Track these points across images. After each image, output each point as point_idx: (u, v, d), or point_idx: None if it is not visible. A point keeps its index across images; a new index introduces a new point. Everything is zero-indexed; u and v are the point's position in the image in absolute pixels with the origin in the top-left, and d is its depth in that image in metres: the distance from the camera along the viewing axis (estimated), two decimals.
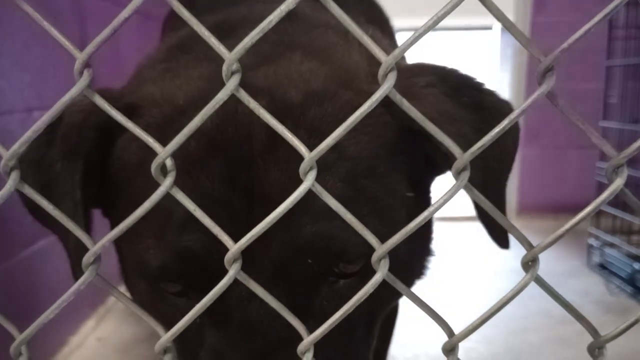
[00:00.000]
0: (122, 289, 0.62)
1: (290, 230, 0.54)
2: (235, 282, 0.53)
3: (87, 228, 0.61)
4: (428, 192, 0.72)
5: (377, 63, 0.48)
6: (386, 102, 0.60)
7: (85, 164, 0.61)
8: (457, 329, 0.45)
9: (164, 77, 0.68)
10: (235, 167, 0.57)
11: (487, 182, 0.59)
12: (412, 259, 0.70)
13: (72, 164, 0.60)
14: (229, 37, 0.72)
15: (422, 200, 0.70)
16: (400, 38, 1.08)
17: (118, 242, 0.69)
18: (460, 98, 0.64)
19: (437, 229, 0.81)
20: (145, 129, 0.58)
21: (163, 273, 0.58)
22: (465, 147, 0.41)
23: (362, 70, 0.67)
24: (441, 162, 0.63)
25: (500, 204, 0.66)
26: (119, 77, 0.81)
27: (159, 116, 0.62)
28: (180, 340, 0.63)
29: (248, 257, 0.54)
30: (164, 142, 0.52)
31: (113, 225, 0.68)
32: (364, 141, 0.60)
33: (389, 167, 0.61)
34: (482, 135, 0.61)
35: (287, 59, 0.66)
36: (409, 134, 0.61)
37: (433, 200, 0.66)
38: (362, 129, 0.60)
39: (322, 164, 0.54)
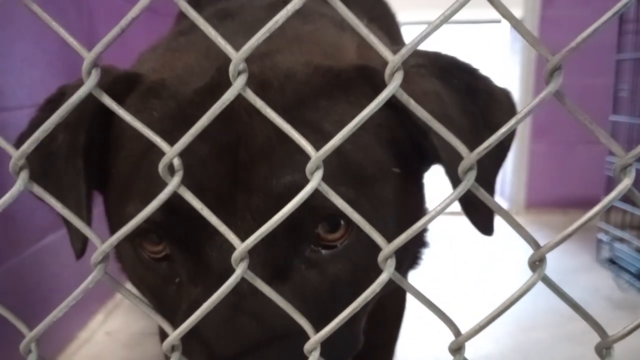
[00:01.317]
0: (129, 286, 0.62)
1: (270, 181, 0.55)
2: (219, 248, 0.55)
3: (88, 204, 0.62)
4: (420, 178, 0.72)
5: (366, 46, 0.47)
6: (365, 74, 0.61)
7: (87, 136, 0.62)
8: (463, 326, 0.45)
9: (165, 54, 0.71)
10: (221, 122, 0.57)
11: (478, 177, 0.60)
12: (405, 249, 0.70)
13: (75, 136, 0.61)
14: (224, 21, 0.76)
15: (412, 184, 0.69)
16: (409, 32, 1.08)
17: (107, 213, 0.70)
18: (450, 80, 0.64)
19: (445, 224, 0.81)
20: (145, 92, 0.63)
21: (146, 225, 0.57)
22: (451, 128, 0.41)
23: (350, 49, 0.68)
24: (429, 150, 0.63)
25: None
26: None
27: (157, 80, 0.64)
28: (159, 300, 0.63)
29: (231, 208, 0.56)
30: (161, 104, 0.60)
31: (106, 200, 0.69)
32: (346, 109, 0.60)
33: (373, 139, 0.61)
34: (471, 118, 0.62)
35: (278, 37, 0.67)
36: (392, 109, 0.60)
37: (439, 200, 0.66)
38: (346, 97, 0.61)
39: (307, 124, 0.56)
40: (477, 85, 0.66)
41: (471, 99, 0.63)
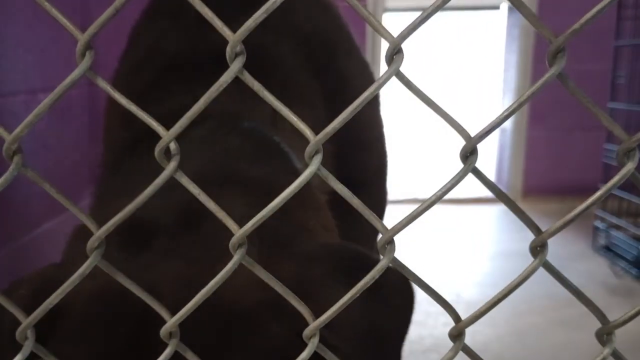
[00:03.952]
0: None
1: None
2: None
3: None
4: None
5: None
6: (277, 311, 0.61)
7: None
8: (462, 311, 0.45)
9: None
10: None
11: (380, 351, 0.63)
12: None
13: None
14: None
15: None
16: (409, 19, 1.07)
17: None
18: (355, 283, 0.64)
19: (445, 211, 0.81)
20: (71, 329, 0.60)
21: None
22: (354, 330, 0.46)
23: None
24: None
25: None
26: None
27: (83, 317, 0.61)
28: None
29: None
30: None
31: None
32: None
33: None
34: (374, 314, 0.64)
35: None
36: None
37: (440, 186, 0.67)
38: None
39: None
40: (379, 282, 0.67)
41: (376, 297, 0.63)
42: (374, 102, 1.10)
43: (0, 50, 1.48)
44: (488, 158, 3.62)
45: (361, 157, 1.06)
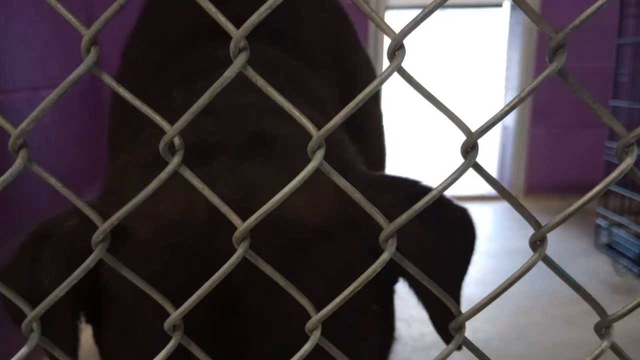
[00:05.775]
0: None
1: (264, 346, 0.58)
2: None
3: (75, 340, 0.63)
4: (391, 297, 0.72)
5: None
6: (351, 227, 0.63)
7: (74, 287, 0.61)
8: (463, 308, 0.46)
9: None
10: (218, 296, 0.56)
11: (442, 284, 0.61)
12: None
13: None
14: (193, 84, 0.78)
15: (387, 310, 0.71)
16: (411, 16, 1.09)
17: (99, 347, 0.67)
18: (422, 215, 0.64)
19: None
20: (134, 250, 0.60)
21: None
22: (425, 260, 0.45)
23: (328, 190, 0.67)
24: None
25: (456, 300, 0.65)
26: None
27: (146, 241, 0.62)
28: None
29: None
30: (150, 263, 0.55)
31: (96, 331, 0.67)
32: (335, 264, 0.62)
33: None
34: (442, 248, 0.65)
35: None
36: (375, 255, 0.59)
37: (441, 180, 0.66)
38: (334, 253, 0.62)
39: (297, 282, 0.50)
40: (446, 217, 0.67)
41: (442, 231, 0.65)
42: (375, 95, 1.14)
43: (3, 46, 1.49)
44: (490, 156, 3.62)
45: (362, 148, 1.08)
